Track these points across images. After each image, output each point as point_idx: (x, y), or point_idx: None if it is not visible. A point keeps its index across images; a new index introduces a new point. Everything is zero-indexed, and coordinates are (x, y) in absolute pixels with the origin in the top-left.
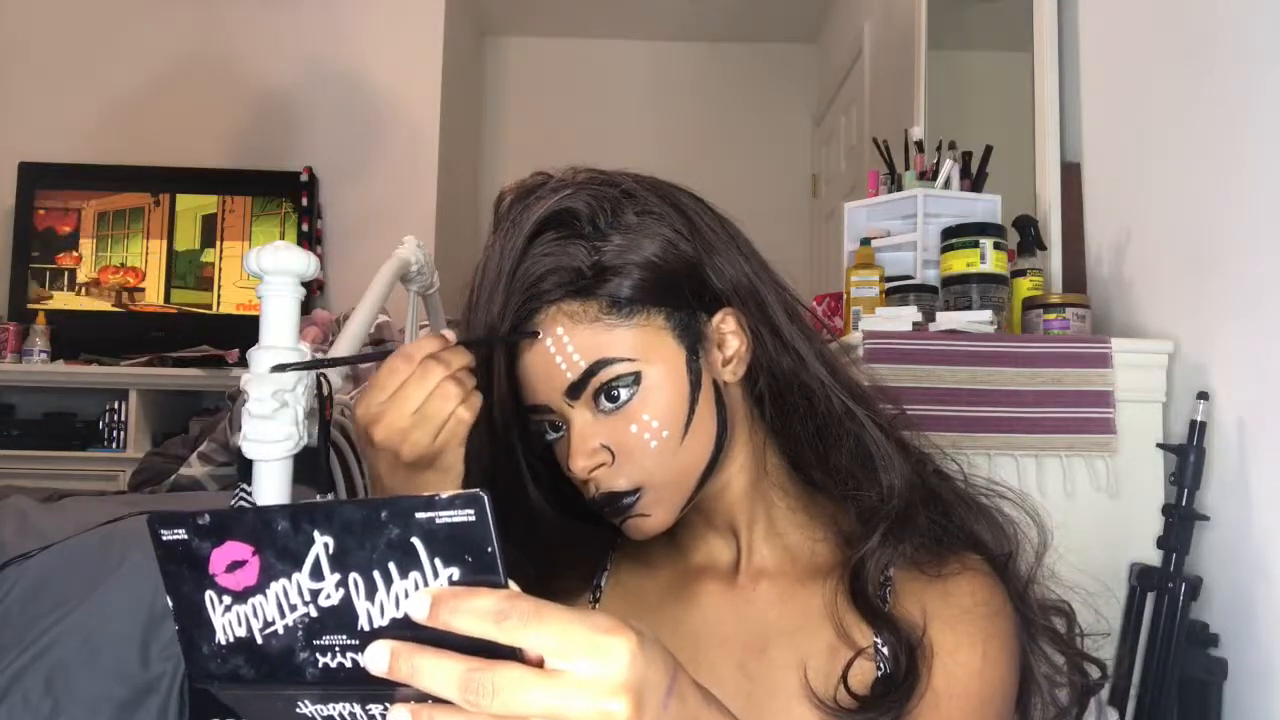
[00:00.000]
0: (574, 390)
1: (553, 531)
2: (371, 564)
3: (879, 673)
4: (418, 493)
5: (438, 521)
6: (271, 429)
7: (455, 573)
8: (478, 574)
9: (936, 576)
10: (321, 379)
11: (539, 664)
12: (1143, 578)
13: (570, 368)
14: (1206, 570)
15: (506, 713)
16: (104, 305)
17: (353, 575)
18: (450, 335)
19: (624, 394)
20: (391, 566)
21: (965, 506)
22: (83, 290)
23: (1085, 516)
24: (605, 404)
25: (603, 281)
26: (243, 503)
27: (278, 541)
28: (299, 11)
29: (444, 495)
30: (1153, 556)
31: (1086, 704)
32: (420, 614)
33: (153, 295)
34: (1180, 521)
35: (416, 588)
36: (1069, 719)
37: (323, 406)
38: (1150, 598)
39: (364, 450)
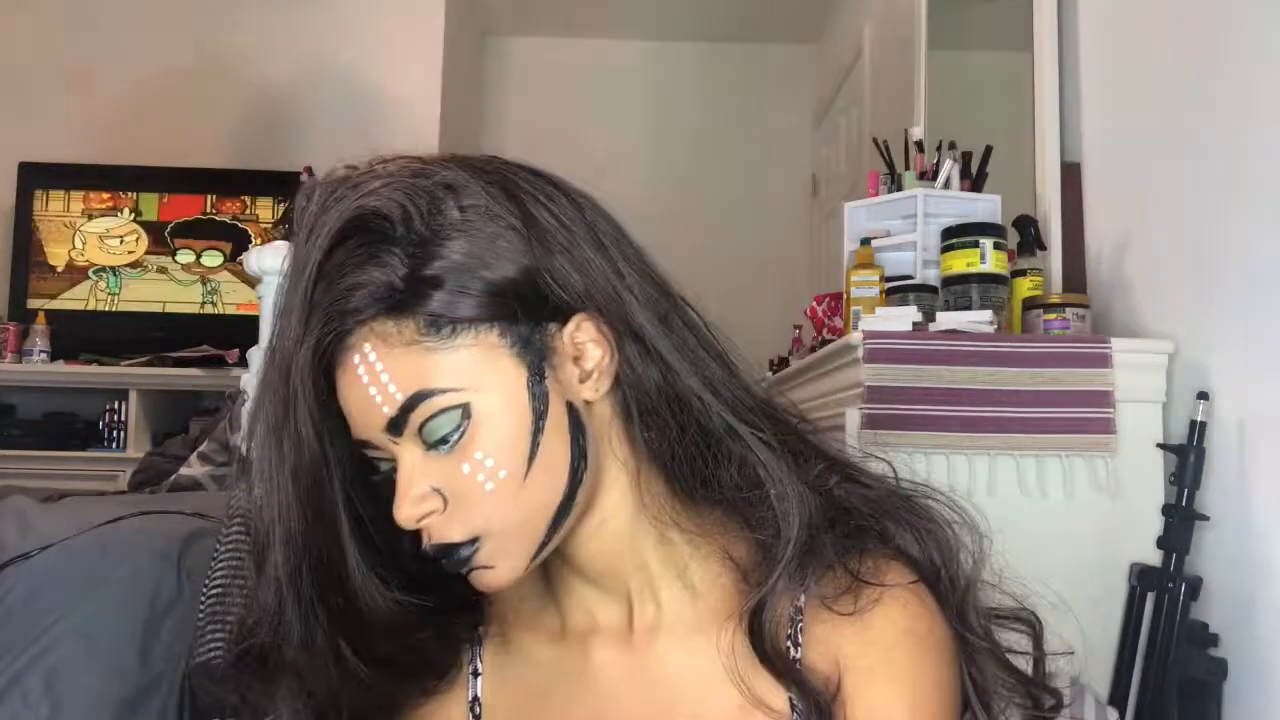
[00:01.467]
0: (394, 426)
1: (388, 619)
2: None
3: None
4: None
5: None
6: None
7: None
8: None
9: (851, 613)
10: None
11: None
12: (1143, 578)
13: (386, 400)
14: (1206, 570)
15: None
16: (104, 305)
17: None
18: None
19: (449, 431)
20: None
21: (882, 512)
22: (82, 290)
23: (1085, 516)
24: (431, 443)
25: (419, 296)
26: (243, 503)
27: None
28: (299, 11)
29: None
30: (1153, 556)
31: None
32: None
33: (153, 294)
34: (1180, 521)
35: None
36: None
37: None
38: (1150, 598)
39: None
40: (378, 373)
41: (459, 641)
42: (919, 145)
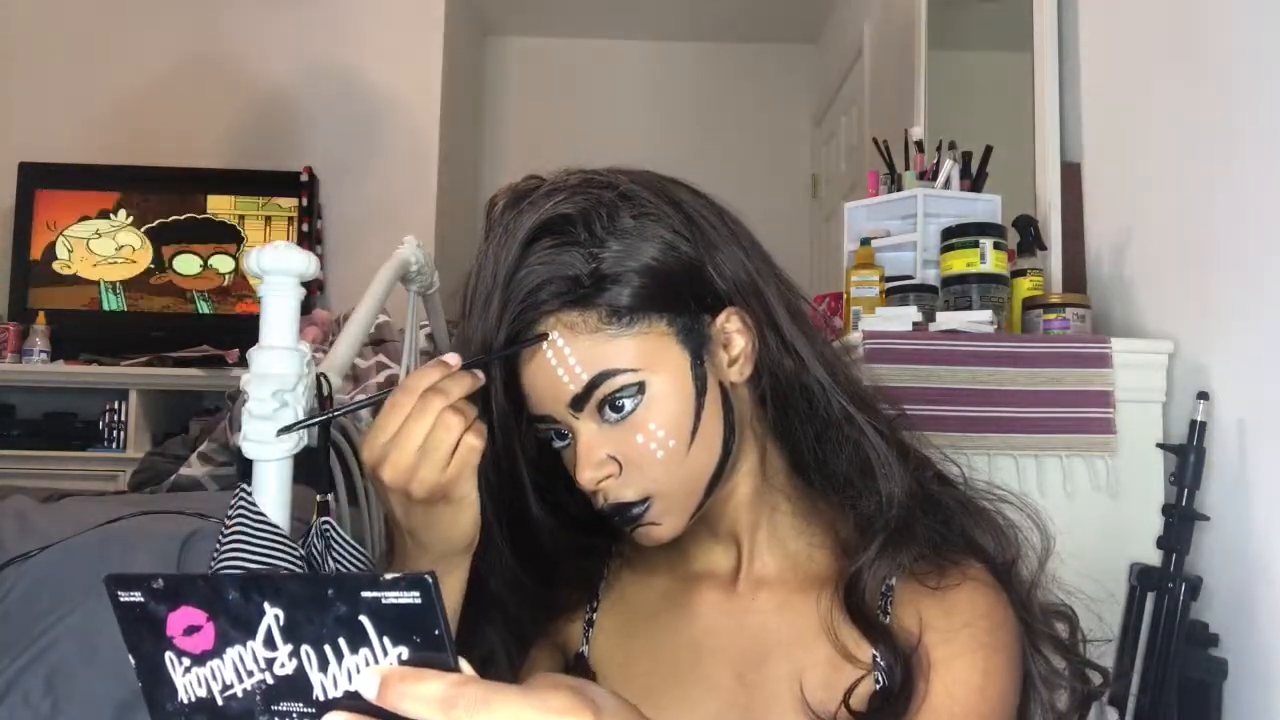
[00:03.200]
0: (578, 402)
1: (554, 544)
2: (322, 638)
3: (877, 686)
4: (435, 528)
5: (384, 602)
6: (271, 429)
7: (404, 652)
8: (426, 654)
9: (936, 589)
10: (321, 379)
11: None
12: (1143, 578)
13: (573, 380)
14: (1206, 570)
15: None
16: (104, 305)
17: (305, 647)
18: (452, 360)
19: (628, 404)
20: (341, 641)
21: (966, 513)
22: (82, 290)
23: (1085, 516)
24: (610, 415)
25: (601, 290)
26: (243, 503)
27: (230, 610)
28: (299, 11)
29: (390, 576)
30: (1153, 556)
31: (1088, 710)
32: (370, 693)
33: (152, 295)
34: (1180, 521)
35: (367, 664)
36: None
37: (323, 407)
38: (1150, 598)
39: (377, 492)
40: (565, 356)
41: (594, 564)
42: (919, 145)
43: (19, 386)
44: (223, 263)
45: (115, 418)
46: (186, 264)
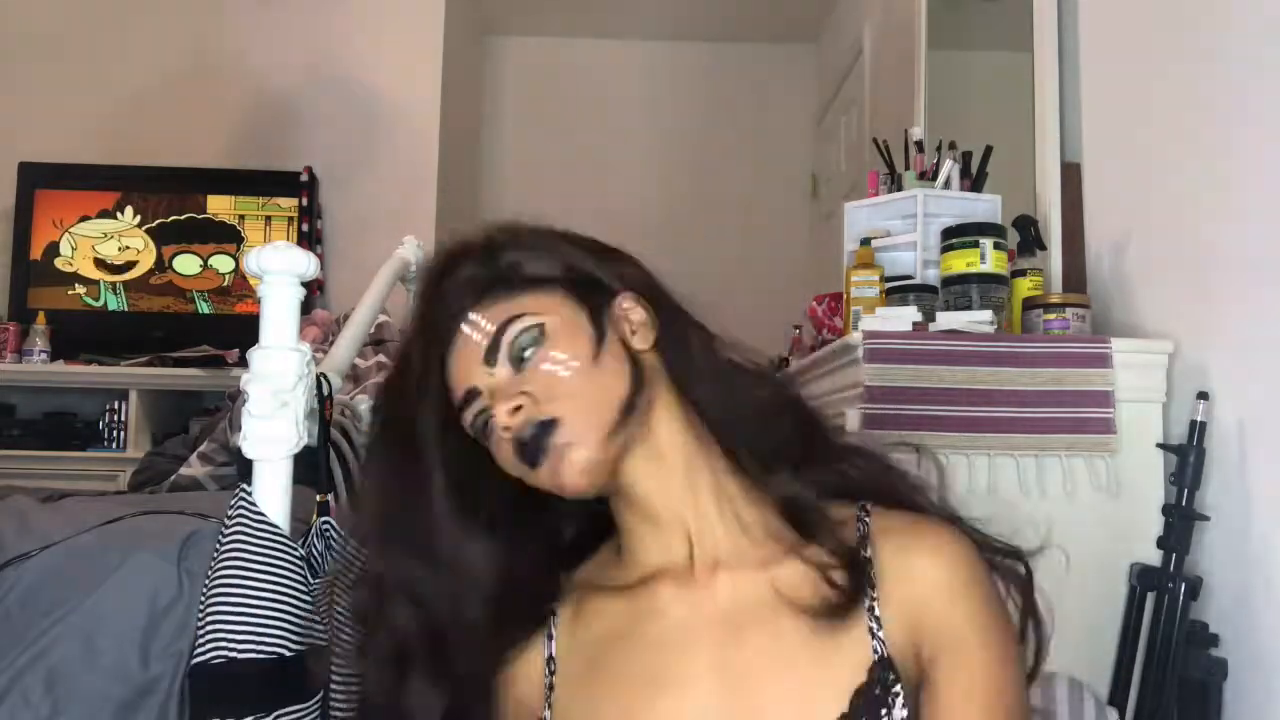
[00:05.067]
0: (490, 355)
1: (491, 570)
2: None
3: (875, 657)
4: None
5: None
6: (271, 429)
7: None
8: None
9: (910, 526)
10: (322, 379)
11: None
12: (1143, 578)
13: (484, 336)
14: (1206, 570)
15: None
16: (104, 305)
17: None
18: None
19: (532, 348)
20: None
21: (893, 474)
22: (82, 290)
23: (1085, 516)
24: (519, 363)
25: (502, 279)
26: (243, 503)
27: None
28: (299, 12)
29: None
30: (1153, 556)
31: (1043, 657)
32: None
33: (153, 295)
34: (1180, 521)
35: None
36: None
37: (322, 406)
38: (1150, 598)
39: None
40: (478, 322)
41: (542, 605)
42: (919, 145)
43: (19, 386)
44: (223, 263)
45: (115, 418)
46: (186, 264)
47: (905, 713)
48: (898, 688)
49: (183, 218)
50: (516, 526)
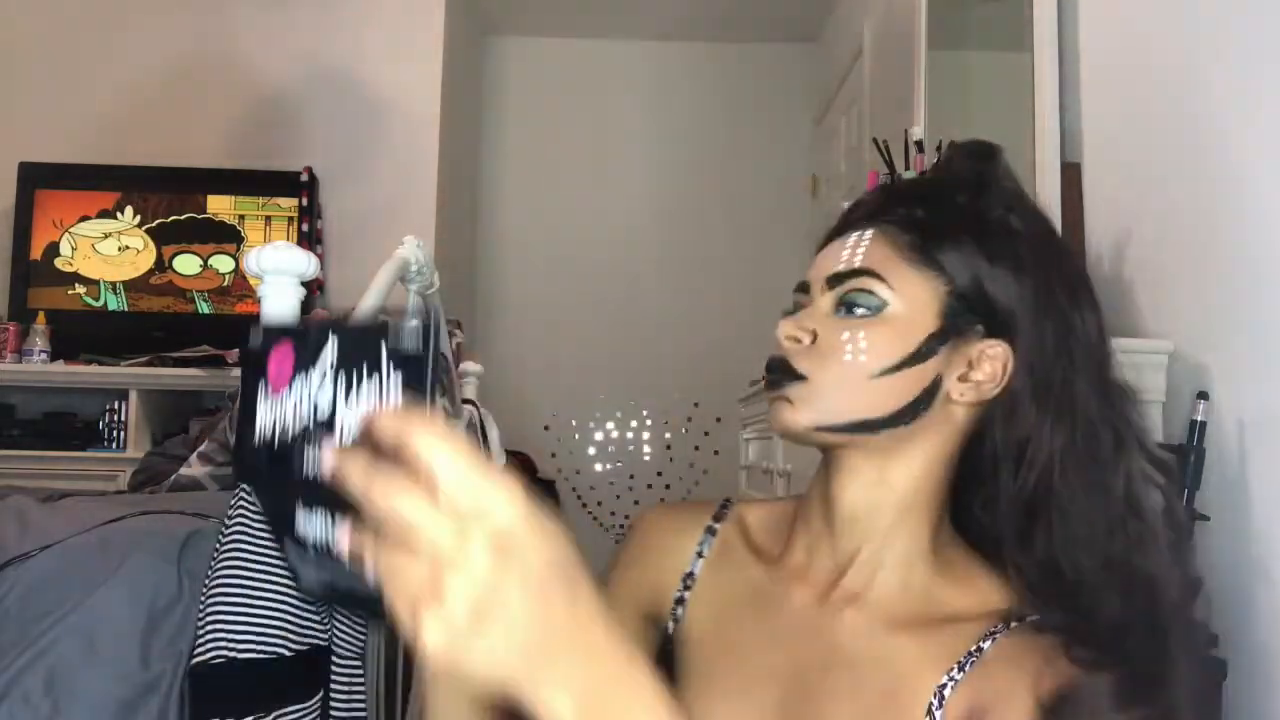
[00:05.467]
0: (834, 279)
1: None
2: (354, 375)
3: None
4: None
5: (402, 349)
6: None
7: (397, 385)
8: (416, 398)
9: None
10: None
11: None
12: None
13: (847, 261)
14: (1206, 570)
15: (382, 505)
16: (104, 305)
17: (343, 384)
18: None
19: (860, 310)
20: (364, 383)
21: (1155, 654)
22: (82, 290)
23: None
24: (842, 309)
25: (932, 232)
26: (243, 503)
27: (303, 349)
28: (299, 11)
29: (402, 320)
30: None
31: None
32: (364, 423)
33: (153, 295)
34: None
35: (376, 402)
36: None
37: None
38: None
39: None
40: (861, 242)
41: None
42: (919, 145)
43: (19, 386)
44: (223, 263)
45: (115, 418)
46: (186, 264)
47: None
48: None
49: (183, 218)
50: None
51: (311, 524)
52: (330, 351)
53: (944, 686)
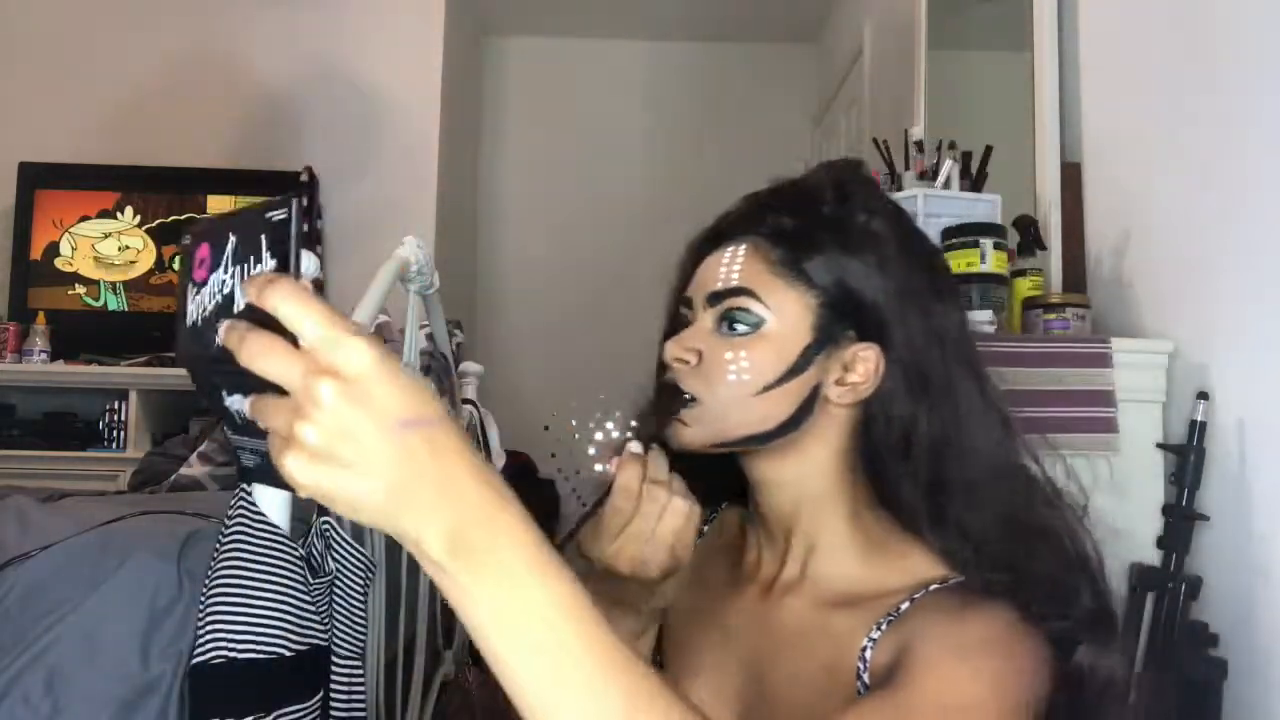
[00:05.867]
0: (714, 298)
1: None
2: (247, 256)
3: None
4: (655, 597)
5: (272, 220)
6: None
7: (273, 263)
8: (284, 264)
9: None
10: None
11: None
12: (1143, 578)
13: (724, 280)
14: (1206, 570)
15: (253, 365)
16: (104, 305)
17: (238, 266)
18: (637, 448)
19: (740, 328)
20: (252, 258)
21: (1063, 602)
22: (82, 290)
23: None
24: (724, 326)
25: (800, 244)
26: (243, 503)
27: (217, 240)
28: (299, 12)
29: (278, 198)
30: (1153, 556)
31: None
32: (247, 296)
33: (153, 295)
34: (1180, 521)
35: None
36: None
37: None
38: (1150, 598)
39: (606, 586)
40: (737, 257)
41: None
42: (919, 145)
43: (19, 386)
44: None
45: (115, 418)
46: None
47: None
48: None
49: (183, 217)
50: None
51: (232, 400)
52: (231, 244)
53: (865, 648)
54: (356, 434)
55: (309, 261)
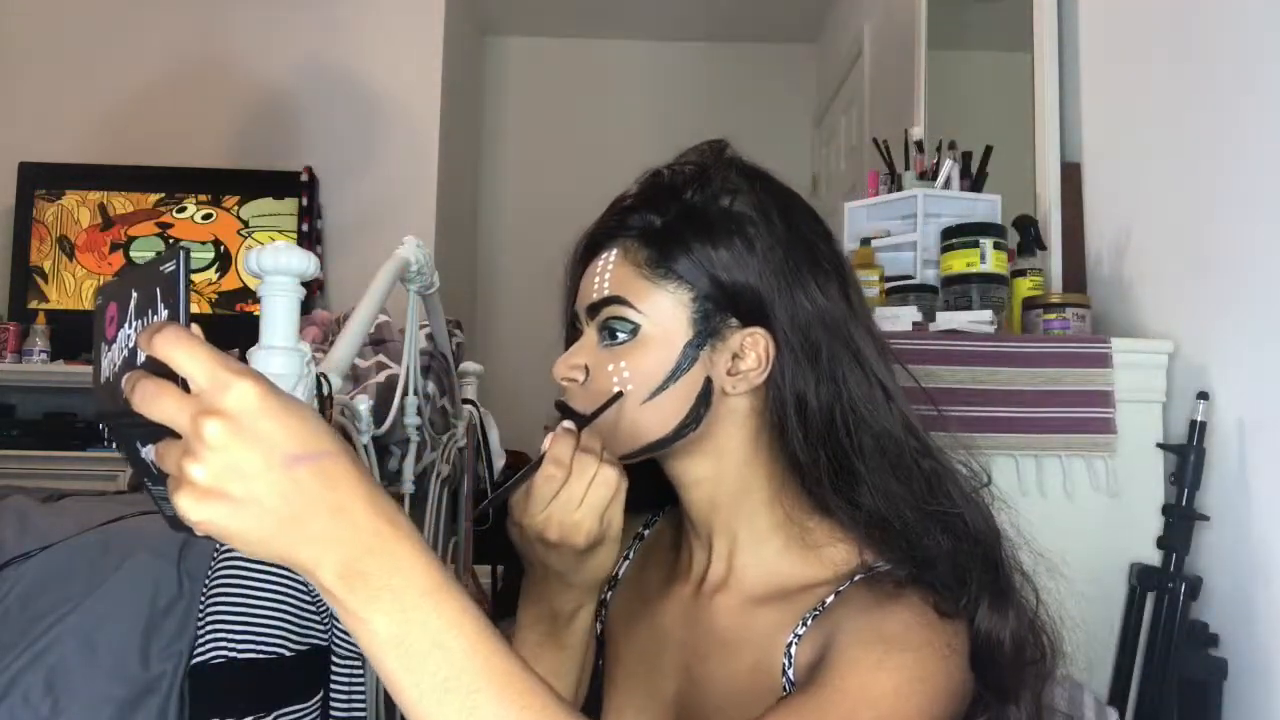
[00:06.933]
0: (592, 309)
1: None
2: (145, 310)
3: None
4: (587, 569)
5: (164, 272)
6: None
7: (165, 314)
8: (175, 314)
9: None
10: (321, 379)
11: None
12: (1143, 578)
13: (598, 290)
14: (1206, 570)
15: (145, 410)
16: None
17: (140, 320)
18: (571, 425)
19: (620, 335)
20: (149, 310)
21: (966, 578)
22: (82, 290)
23: (1085, 516)
24: (605, 336)
25: (665, 242)
26: None
27: (121, 299)
28: (299, 11)
29: (170, 250)
30: (1153, 556)
31: None
32: (141, 347)
33: None
34: (1180, 521)
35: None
36: None
37: (323, 407)
38: (1150, 598)
39: (538, 553)
40: (607, 267)
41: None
42: (919, 145)
43: (19, 386)
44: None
45: None
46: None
47: None
48: None
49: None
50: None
51: (146, 451)
52: (133, 299)
53: (791, 644)
54: (244, 471)
55: (309, 261)
